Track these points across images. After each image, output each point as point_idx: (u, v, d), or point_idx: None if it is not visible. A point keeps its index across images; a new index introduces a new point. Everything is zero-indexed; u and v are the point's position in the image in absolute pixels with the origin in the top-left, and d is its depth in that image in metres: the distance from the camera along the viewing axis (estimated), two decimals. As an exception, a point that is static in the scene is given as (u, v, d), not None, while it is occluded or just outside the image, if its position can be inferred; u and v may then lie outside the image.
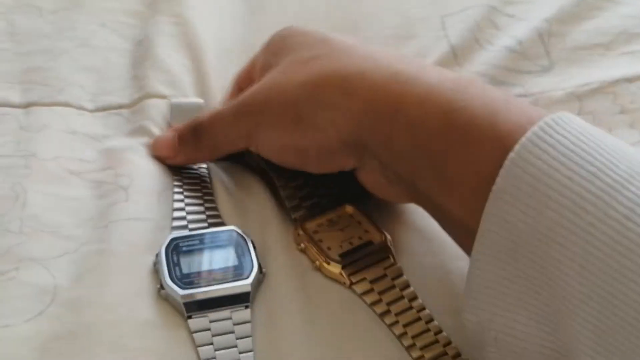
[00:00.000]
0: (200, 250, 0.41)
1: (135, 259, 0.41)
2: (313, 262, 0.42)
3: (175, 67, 0.52)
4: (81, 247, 0.41)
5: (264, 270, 0.40)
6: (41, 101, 0.49)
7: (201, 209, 0.43)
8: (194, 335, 0.38)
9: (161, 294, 0.39)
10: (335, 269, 0.41)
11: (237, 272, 0.40)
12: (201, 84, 0.52)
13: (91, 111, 0.50)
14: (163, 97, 0.50)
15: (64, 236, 0.42)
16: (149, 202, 0.44)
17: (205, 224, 0.43)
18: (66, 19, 0.56)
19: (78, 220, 0.43)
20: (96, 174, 0.45)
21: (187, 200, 0.44)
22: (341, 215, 0.43)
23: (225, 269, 0.40)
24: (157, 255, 0.40)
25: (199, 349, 0.37)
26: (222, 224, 0.43)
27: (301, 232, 0.42)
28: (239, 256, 0.40)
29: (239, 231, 0.42)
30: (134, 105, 0.50)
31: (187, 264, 0.40)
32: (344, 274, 0.41)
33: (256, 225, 0.44)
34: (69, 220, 0.43)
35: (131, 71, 0.52)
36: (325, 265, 0.41)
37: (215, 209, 0.44)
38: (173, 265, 0.40)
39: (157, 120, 0.49)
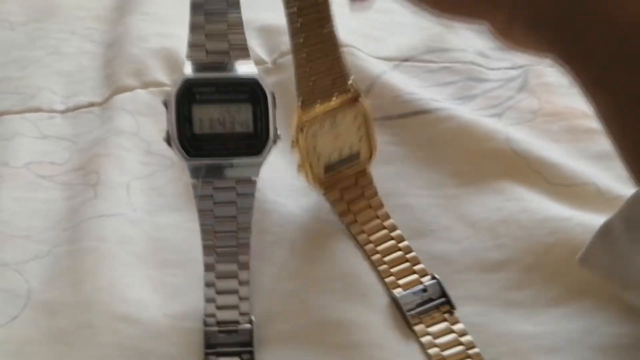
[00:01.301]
0: (216, 103, 0.35)
1: (106, 256, 0.40)
2: (298, 165, 0.41)
3: (141, 56, 0.52)
4: (53, 249, 0.41)
5: (278, 138, 0.36)
6: (13, 109, 0.49)
7: (224, 26, 0.36)
8: (196, 200, 0.36)
9: (165, 142, 0.35)
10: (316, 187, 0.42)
11: (251, 143, 0.35)
12: (172, 63, 0.51)
13: (62, 112, 0.49)
14: (131, 89, 0.50)
15: (36, 240, 0.41)
16: (117, 197, 0.43)
17: (227, 53, 0.36)
18: (37, 30, 0.56)
19: (49, 223, 0.42)
20: (66, 176, 0.45)
21: (208, 17, 0.35)
22: (347, 112, 0.41)
23: (238, 137, 0.35)
24: (167, 99, 0.35)
25: (199, 213, 0.36)
26: (246, 53, 0.36)
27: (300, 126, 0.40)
28: (256, 119, 0.35)
29: (261, 82, 0.35)
30: (105, 102, 0.50)
31: (199, 121, 0.35)
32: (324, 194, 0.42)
33: None
34: (41, 223, 0.42)
35: (102, 72, 0.52)
36: (307, 179, 0.41)
37: (241, 26, 0.36)
38: (183, 118, 0.35)
39: (128, 110, 0.48)
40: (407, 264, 0.40)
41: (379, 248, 0.40)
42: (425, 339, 0.37)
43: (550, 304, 0.38)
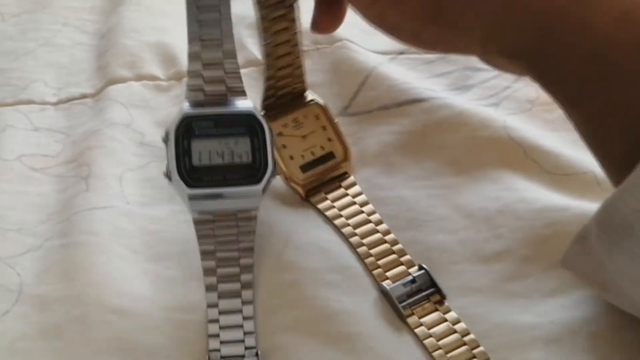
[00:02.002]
0: (214, 136, 0.36)
1: (99, 249, 0.39)
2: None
3: (136, 48, 0.51)
4: (45, 242, 0.40)
5: (276, 174, 0.37)
6: (4, 101, 0.49)
7: (220, 70, 0.36)
8: (196, 228, 0.36)
9: (165, 177, 0.36)
10: (297, 188, 0.42)
11: (250, 173, 0.36)
12: (166, 55, 0.51)
13: (54, 104, 0.49)
14: (125, 80, 0.49)
15: (28, 233, 0.41)
16: (110, 189, 0.43)
17: (224, 90, 0.37)
18: (29, 21, 0.55)
19: (41, 216, 0.42)
20: (58, 169, 0.45)
21: (204, 55, 0.36)
22: (307, 114, 0.43)
23: (237, 167, 0.36)
24: (167, 134, 0.36)
25: (199, 241, 0.36)
26: (242, 92, 0.37)
27: None
28: (254, 150, 0.36)
29: (257, 114, 0.36)
30: (98, 93, 0.49)
31: (198, 154, 0.36)
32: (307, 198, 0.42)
33: None
34: (33, 217, 0.42)
35: (95, 64, 0.51)
36: (287, 180, 0.42)
37: (236, 66, 0.37)
38: (183, 152, 0.35)
39: (121, 102, 0.48)
40: (394, 256, 0.40)
41: (365, 241, 0.40)
42: (419, 330, 0.37)
43: (549, 295, 0.38)
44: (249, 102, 0.37)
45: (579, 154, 0.43)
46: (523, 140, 0.44)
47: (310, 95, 0.43)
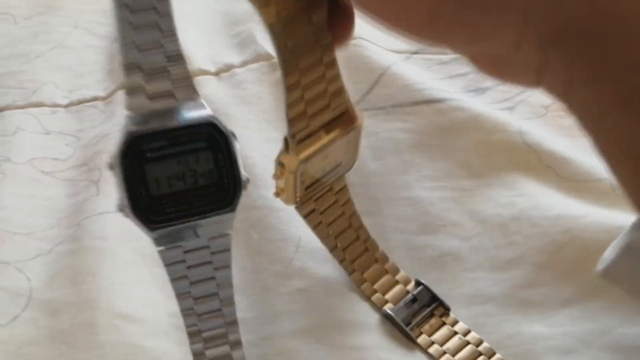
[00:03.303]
0: (172, 156, 0.30)
1: (109, 254, 0.39)
2: (278, 190, 0.36)
3: None
4: (55, 247, 0.40)
5: (248, 182, 0.31)
6: (15, 104, 0.49)
7: (162, 58, 0.29)
8: (167, 268, 0.31)
9: (120, 212, 0.30)
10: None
11: (219, 195, 0.30)
12: None
13: (65, 106, 0.49)
14: None
15: (38, 237, 0.41)
16: None
17: (171, 92, 0.30)
18: (41, 24, 0.55)
19: (52, 220, 0.42)
20: (69, 172, 0.44)
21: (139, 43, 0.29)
22: (342, 138, 0.35)
23: (203, 190, 0.30)
24: (112, 162, 0.29)
25: (173, 283, 0.31)
26: (192, 88, 0.30)
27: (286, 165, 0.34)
28: (220, 167, 0.30)
29: (218, 123, 0.30)
30: (110, 96, 0.49)
31: (155, 181, 0.29)
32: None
33: None
34: (43, 220, 0.42)
35: (106, 66, 0.51)
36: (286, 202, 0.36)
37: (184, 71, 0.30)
38: (137, 182, 0.29)
39: None
40: (388, 276, 0.38)
41: (356, 264, 0.38)
42: (432, 349, 0.36)
43: (564, 304, 0.37)
44: (206, 108, 0.30)
45: (594, 160, 0.42)
46: (538, 146, 0.43)
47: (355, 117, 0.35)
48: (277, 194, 0.35)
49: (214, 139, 0.30)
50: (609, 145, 0.27)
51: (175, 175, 0.30)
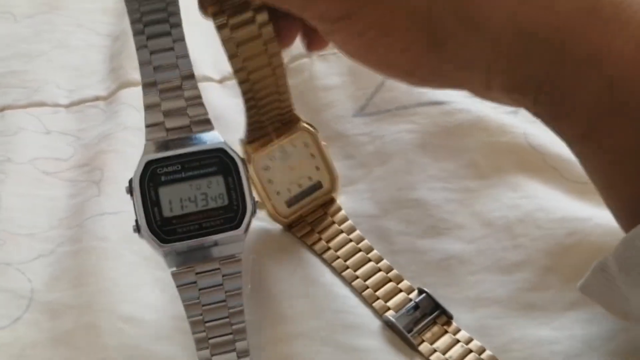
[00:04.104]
0: (183, 180, 0.33)
1: (110, 256, 0.39)
2: (260, 199, 0.39)
3: None
4: (56, 248, 0.40)
5: (257, 208, 0.34)
6: (16, 104, 0.48)
7: (181, 102, 0.34)
8: (179, 289, 0.33)
9: (135, 232, 0.33)
10: (282, 222, 0.40)
11: (228, 217, 0.33)
12: None
13: (66, 106, 0.49)
14: (138, 83, 0.48)
15: (39, 238, 0.41)
16: (122, 194, 0.41)
17: (188, 124, 0.34)
18: (43, 23, 0.55)
19: (53, 221, 0.42)
20: (71, 173, 0.44)
21: (161, 88, 0.33)
22: (295, 142, 0.39)
23: (213, 212, 0.33)
24: (130, 183, 0.33)
25: (185, 305, 0.33)
26: (207, 122, 0.34)
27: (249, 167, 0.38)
28: (229, 190, 0.33)
29: (228, 149, 0.33)
30: (111, 96, 0.49)
31: (168, 203, 0.32)
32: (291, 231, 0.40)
33: None
34: (45, 221, 0.41)
35: (108, 66, 0.51)
36: (271, 215, 0.40)
37: (198, 94, 0.34)
38: (151, 204, 0.32)
39: (134, 106, 0.47)
40: (391, 284, 0.38)
41: (359, 272, 0.39)
42: (434, 357, 0.36)
43: (569, 308, 0.37)
44: (217, 134, 0.34)
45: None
46: (543, 147, 0.43)
47: (299, 120, 0.40)
48: (259, 208, 0.36)
49: (224, 165, 0.33)
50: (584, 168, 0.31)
51: (187, 198, 0.33)
